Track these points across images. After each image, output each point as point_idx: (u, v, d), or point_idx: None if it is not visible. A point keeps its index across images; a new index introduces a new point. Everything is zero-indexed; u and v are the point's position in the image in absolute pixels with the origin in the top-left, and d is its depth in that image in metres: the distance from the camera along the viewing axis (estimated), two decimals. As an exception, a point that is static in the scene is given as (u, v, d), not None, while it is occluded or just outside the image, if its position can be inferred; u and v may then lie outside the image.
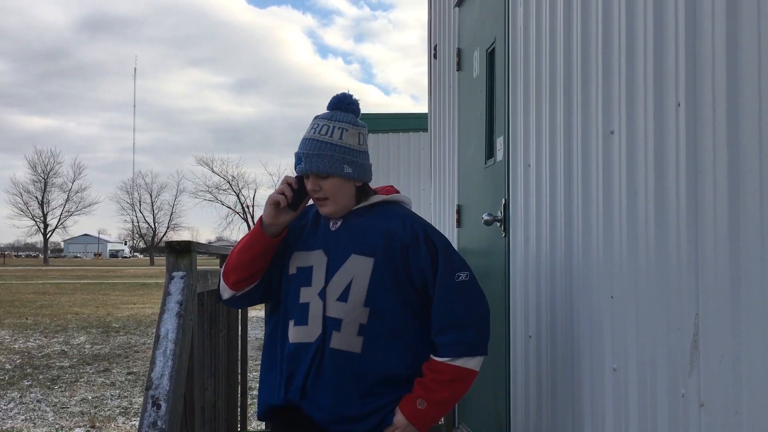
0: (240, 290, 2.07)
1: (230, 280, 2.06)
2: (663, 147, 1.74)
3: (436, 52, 4.78)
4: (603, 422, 2.08)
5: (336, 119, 2.02)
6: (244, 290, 2.07)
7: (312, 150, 1.98)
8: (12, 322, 13.09)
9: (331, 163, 1.97)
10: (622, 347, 1.95)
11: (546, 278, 2.58)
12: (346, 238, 2.01)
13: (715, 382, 1.51)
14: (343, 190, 2.01)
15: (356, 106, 2.07)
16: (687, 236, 1.62)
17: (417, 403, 1.95)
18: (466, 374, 1.99)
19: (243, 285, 2.06)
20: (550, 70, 2.54)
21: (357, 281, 1.95)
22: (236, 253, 2.05)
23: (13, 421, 5.76)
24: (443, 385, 1.97)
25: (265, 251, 2.02)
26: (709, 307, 1.53)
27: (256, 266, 2.03)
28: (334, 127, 2.00)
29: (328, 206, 2.01)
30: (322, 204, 2.02)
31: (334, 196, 2.00)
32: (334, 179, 1.98)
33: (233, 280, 2.05)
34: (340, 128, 2.00)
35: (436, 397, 1.96)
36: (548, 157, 2.56)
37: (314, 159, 1.97)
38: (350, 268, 1.96)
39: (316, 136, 1.99)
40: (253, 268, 2.02)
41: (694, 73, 1.61)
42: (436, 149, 4.77)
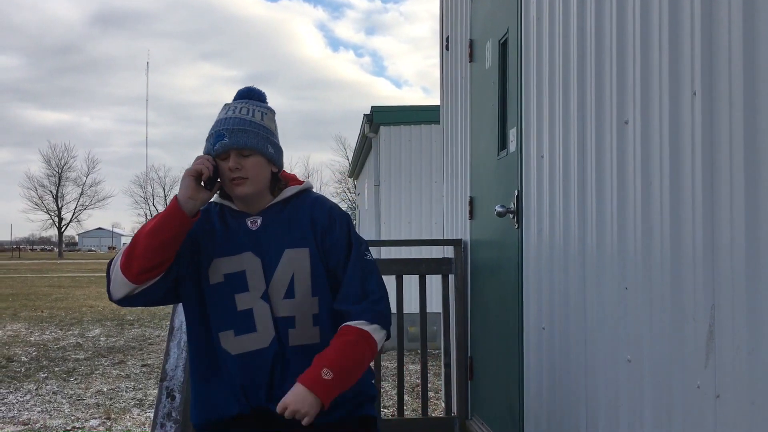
0: (142, 283, 1.85)
1: (133, 269, 1.82)
2: (678, 137, 1.72)
3: (448, 44, 4.76)
4: (617, 413, 2.07)
5: (253, 103, 1.98)
6: (147, 284, 1.86)
7: (236, 126, 1.90)
8: (28, 315, 13.21)
9: (256, 139, 1.91)
10: (637, 338, 1.95)
11: (559, 270, 2.57)
12: (274, 235, 1.94)
13: (731, 373, 1.50)
14: (263, 172, 1.93)
15: (265, 97, 2.05)
16: (703, 226, 1.61)
17: (322, 373, 1.79)
18: (373, 344, 1.89)
19: (147, 276, 1.84)
20: (564, 60, 2.52)
21: (299, 274, 1.91)
22: (144, 235, 1.84)
23: (29, 412, 5.82)
24: (353, 349, 1.85)
25: (181, 233, 1.85)
26: (726, 298, 1.52)
27: (166, 252, 1.84)
28: (255, 109, 1.96)
29: (247, 186, 1.90)
30: (240, 183, 1.89)
31: (254, 176, 1.90)
32: (256, 158, 1.91)
33: (138, 269, 1.82)
34: (260, 111, 1.96)
35: (342, 364, 1.82)
36: (562, 148, 2.54)
37: (239, 134, 1.89)
38: (288, 264, 1.91)
39: (239, 115, 1.92)
40: (163, 254, 1.84)
41: (710, 62, 1.59)
42: (448, 141, 4.76)
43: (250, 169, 1.90)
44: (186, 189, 1.86)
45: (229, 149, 1.89)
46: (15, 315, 13.15)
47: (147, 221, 1.90)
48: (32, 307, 14.81)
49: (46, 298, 17.16)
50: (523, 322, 3.01)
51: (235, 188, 1.91)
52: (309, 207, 1.99)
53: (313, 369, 1.80)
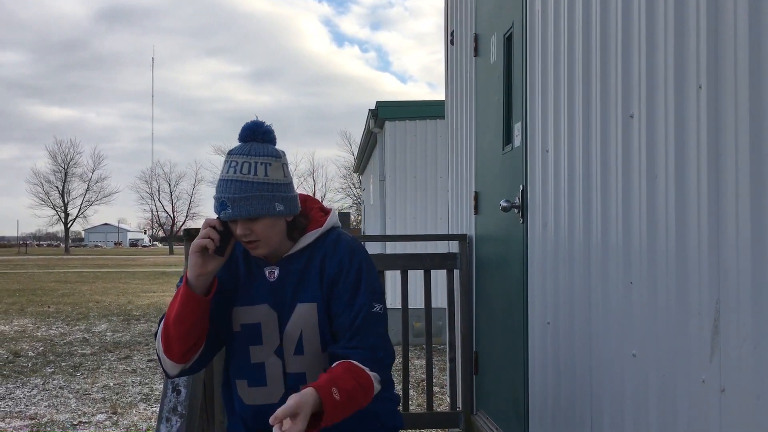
0: (189, 361, 1.86)
1: (175, 354, 1.83)
2: (684, 130, 1.72)
3: (453, 38, 4.75)
4: (622, 408, 2.07)
5: (255, 154, 1.83)
6: (193, 359, 1.87)
7: (237, 193, 1.79)
8: (34, 310, 13.27)
9: (261, 204, 1.80)
10: (642, 333, 1.94)
11: (564, 264, 2.57)
12: (288, 288, 1.90)
13: (737, 368, 1.50)
14: (275, 229, 1.85)
15: (272, 135, 1.90)
16: (708, 221, 1.60)
17: (332, 391, 1.68)
18: (371, 391, 1.80)
19: (191, 355, 1.85)
20: (569, 53, 2.52)
21: (307, 330, 1.87)
22: (171, 325, 1.82)
23: (36, 407, 5.85)
24: (356, 383, 1.75)
25: (202, 314, 1.82)
26: (731, 292, 1.51)
27: (197, 333, 1.83)
28: (257, 164, 1.82)
29: (261, 248, 1.85)
30: (254, 247, 1.85)
31: (266, 238, 1.83)
32: (264, 221, 1.82)
33: (179, 353, 1.82)
34: (263, 164, 1.83)
35: (348, 390, 1.71)
36: (566, 142, 2.54)
37: (242, 203, 1.79)
38: (298, 319, 1.87)
39: (239, 177, 1.80)
40: (194, 335, 1.83)
41: (716, 55, 1.58)
42: (454, 136, 4.75)
43: (260, 233, 1.83)
44: (193, 267, 1.79)
45: (232, 219, 1.82)
46: (22, 310, 13.21)
47: (171, 301, 1.85)
48: (39, 302, 14.87)
49: (52, 293, 17.23)
50: (528, 317, 3.01)
51: (251, 251, 1.88)
52: (321, 257, 1.91)
53: (325, 383, 1.70)
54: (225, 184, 1.81)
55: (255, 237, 1.82)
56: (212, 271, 1.81)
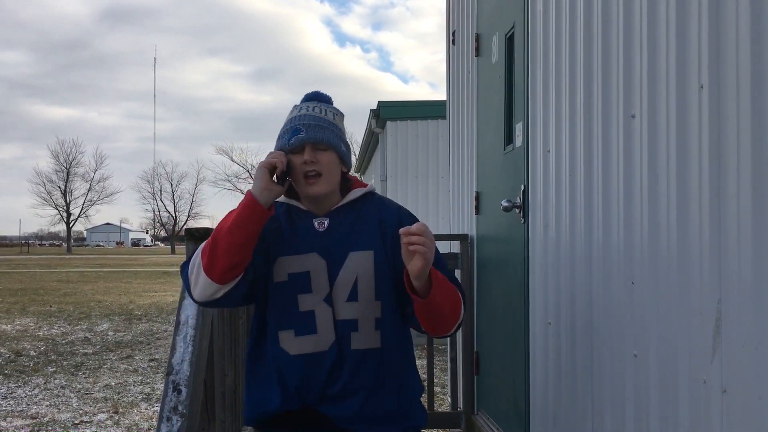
0: (226, 283, 1.82)
1: (217, 268, 1.80)
2: (685, 130, 1.71)
3: (455, 38, 4.75)
4: (623, 408, 2.06)
5: (324, 102, 2.01)
6: (230, 284, 1.83)
7: (312, 122, 1.91)
8: (36, 309, 13.28)
9: (331, 135, 1.92)
10: (643, 333, 1.94)
11: (565, 264, 2.56)
12: (339, 237, 1.93)
13: (738, 368, 1.49)
14: (336, 170, 1.94)
15: (332, 101, 2.07)
16: (710, 221, 1.60)
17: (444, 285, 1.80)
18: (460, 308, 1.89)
19: (231, 275, 1.82)
20: (570, 53, 2.51)
21: (362, 278, 1.89)
22: (225, 233, 1.81)
23: (38, 406, 5.86)
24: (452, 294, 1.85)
25: (258, 227, 1.83)
26: (732, 292, 1.51)
27: (248, 248, 1.82)
28: (327, 109, 1.97)
29: (321, 184, 1.90)
30: (314, 182, 1.89)
31: (328, 173, 1.90)
32: (331, 154, 1.91)
33: (221, 269, 1.80)
34: (332, 111, 1.98)
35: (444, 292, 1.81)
36: (568, 142, 2.53)
37: (316, 129, 1.90)
38: (352, 266, 1.89)
39: (312, 113, 1.94)
40: (245, 250, 1.82)
41: (718, 54, 1.58)
42: (455, 136, 4.75)
43: (324, 165, 1.90)
44: (260, 180, 1.85)
45: (305, 143, 1.89)
46: (24, 309, 13.22)
47: (222, 220, 1.87)
48: (41, 301, 14.89)
49: (54, 293, 17.24)
50: (529, 317, 3.00)
51: (309, 187, 1.91)
52: (376, 209, 1.98)
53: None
54: (298, 118, 1.93)
55: (319, 168, 1.89)
56: (275, 192, 1.86)
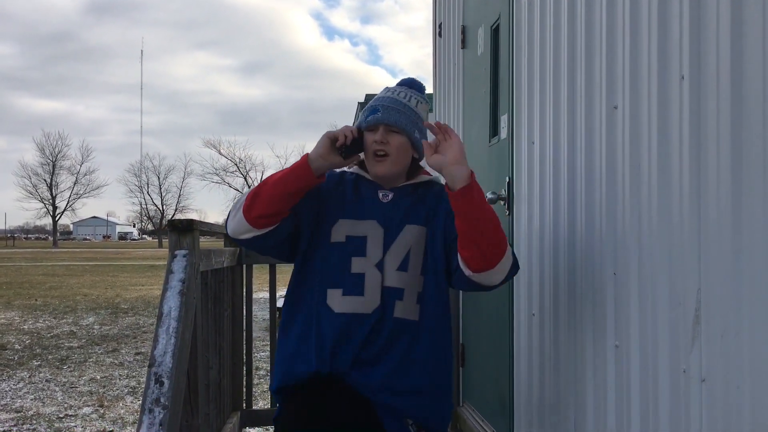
0: (260, 228, 1.93)
1: (253, 213, 1.91)
2: (667, 121, 1.72)
3: (441, 30, 4.74)
4: (605, 398, 2.07)
5: (413, 88, 2.11)
6: (263, 230, 1.94)
7: (391, 104, 2.02)
8: (22, 303, 13.19)
9: (406, 120, 2.01)
10: (625, 324, 1.95)
11: (549, 256, 2.57)
12: (400, 211, 2.01)
13: (717, 357, 1.50)
14: (405, 154, 2.03)
15: (424, 89, 2.18)
16: (690, 210, 1.60)
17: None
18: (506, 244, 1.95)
19: (266, 222, 1.93)
20: (555, 45, 2.51)
21: (414, 251, 1.97)
22: (271, 183, 1.93)
23: (22, 400, 5.82)
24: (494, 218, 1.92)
25: (303, 188, 1.93)
26: (711, 282, 1.52)
27: (288, 203, 1.92)
28: (412, 96, 2.07)
29: (386, 165, 2.00)
30: (381, 161, 1.99)
31: (396, 156, 2.00)
32: (402, 138, 2.00)
33: (258, 213, 1.91)
34: (416, 98, 2.08)
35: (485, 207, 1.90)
36: (552, 134, 2.54)
37: (393, 112, 2.00)
38: (406, 238, 1.98)
39: (396, 97, 2.04)
40: (285, 204, 1.92)
41: (698, 45, 1.58)
42: (441, 128, 4.74)
43: (393, 147, 1.99)
44: (319, 147, 1.94)
45: (379, 123, 1.99)
46: (9, 303, 13.13)
47: (277, 171, 1.99)
48: (26, 295, 14.79)
49: (40, 286, 17.13)
50: (513, 309, 3.01)
51: (375, 165, 2.01)
52: (437, 192, 2.07)
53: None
54: (380, 99, 2.04)
55: (388, 149, 1.98)
56: (331, 163, 1.94)
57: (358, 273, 1.95)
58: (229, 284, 3.54)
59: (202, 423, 2.64)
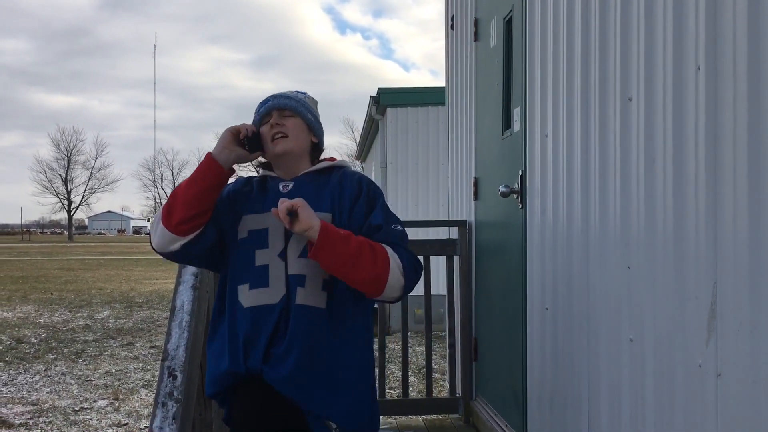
0: (183, 235, 1.93)
1: (173, 219, 1.92)
2: (682, 112, 1.70)
3: (453, 23, 4.72)
4: (619, 393, 2.06)
5: (296, 91, 2.20)
6: (188, 237, 1.94)
7: (280, 94, 2.13)
8: (37, 297, 13.31)
9: (296, 105, 2.09)
10: (639, 318, 1.93)
11: (563, 249, 2.55)
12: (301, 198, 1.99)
13: (733, 352, 1.48)
14: (302, 135, 2.08)
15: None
16: (706, 203, 1.58)
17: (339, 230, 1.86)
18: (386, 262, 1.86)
19: (187, 228, 1.92)
20: (568, 36, 2.49)
21: None
22: (183, 187, 1.95)
23: (38, 393, 5.87)
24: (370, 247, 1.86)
25: (215, 184, 1.95)
26: (728, 276, 1.50)
27: (202, 204, 1.93)
28: (297, 92, 2.17)
29: (286, 143, 2.04)
30: (280, 141, 2.04)
31: (294, 135, 2.06)
32: (297, 120, 2.08)
33: (176, 220, 1.91)
34: (302, 93, 2.17)
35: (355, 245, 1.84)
36: (565, 127, 2.52)
37: (282, 98, 2.09)
38: None
39: (283, 92, 2.15)
40: (199, 205, 1.92)
41: (714, 35, 1.56)
42: (454, 122, 4.73)
43: (290, 129, 2.05)
44: (221, 141, 2.00)
45: (271, 109, 2.07)
46: (25, 297, 13.25)
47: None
48: (42, 289, 14.91)
49: (55, 280, 17.27)
50: (526, 303, 3.00)
51: (275, 146, 2.04)
52: (340, 177, 2.08)
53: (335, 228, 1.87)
54: (268, 96, 2.13)
55: (285, 130, 2.05)
56: (236, 154, 1.99)
57: (262, 265, 1.95)
58: (242, 278, 3.54)
59: (215, 416, 2.65)
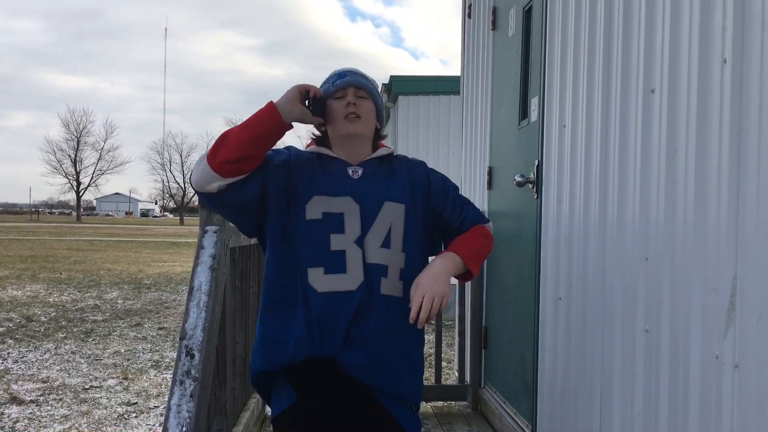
0: (225, 176, 1.86)
1: (219, 157, 1.85)
2: (706, 105, 1.70)
3: (471, 11, 4.70)
4: (633, 384, 2.07)
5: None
6: (230, 179, 1.87)
7: (357, 71, 2.06)
8: (47, 276, 13.40)
9: (373, 89, 2.05)
10: (656, 308, 1.94)
11: (578, 240, 2.56)
12: (373, 186, 2.01)
13: (752, 343, 1.49)
14: (372, 119, 2.04)
15: None
16: (728, 196, 1.59)
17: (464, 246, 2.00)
18: (491, 235, 2.09)
19: (231, 169, 1.85)
20: (590, 26, 2.48)
21: (395, 227, 1.98)
22: (238, 129, 1.88)
23: (48, 371, 5.93)
24: (485, 239, 2.05)
25: (272, 132, 1.88)
26: (749, 268, 1.51)
27: (254, 149, 1.86)
28: (366, 74, 2.11)
29: (359, 124, 2.00)
30: (355, 122, 1.99)
31: (366, 117, 2.02)
32: (370, 104, 2.03)
33: (222, 158, 1.84)
34: (370, 77, 2.11)
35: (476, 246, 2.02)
36: (585, 117, 2.52)
37: (361, 78, 2.04)
38: (387, 215, 1.98)
39: (356, 70, 2.08)
40: (252, 148, 1.86)
41: (742, 28, 1.56)
42: (469, 110, 4.72)
43: (364, 111, 2.00)
44: (287, 94, 1.93)
45: (349, 86, 2.00)
46: (34, 276, 13.34)
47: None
48: (51, 269, 15.00)
49: (64, 260, 17.37)
50: (539, 292, 3.01)
51: (349, 125, 1.99)
52: (407, 167, 2.09)
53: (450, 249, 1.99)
54: (343, 69, 2.07)
55: (360, 111, 1.99)
56: (298, 111, 1.92)
57: (339, 250, 1.93)
58: (255, 261, 3.56)
59: (229, 396, 2.68)
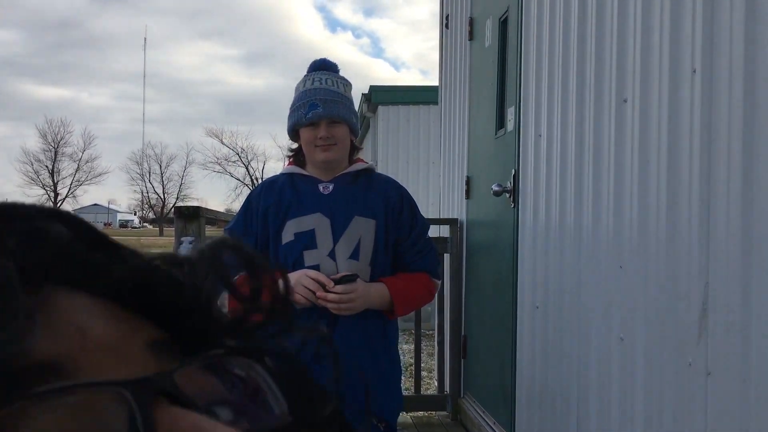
0: None
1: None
2: (677, 115, 1.72)
3: (448, 22, 4.73)
4: (609, 391, 2.08)
5: (334, 75, 2.08)
6: None
7: (328, 96, 2.01)
8: (23, 289, 13.22)
9: (345, 111, 2.03)
10: (630, 317, 1.95)
11: (555, 249, 2.57)
12: (344, 201, 2.03)
13: (723, 351, 1.51)
14: (347, 140, 2.05)
15: (338, 69, 2.15)
16: (699, 205, 1.60)
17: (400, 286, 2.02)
18: (433, 291, 2.15)
19: None
20: (564, 37, 2.51)
21: (364, 241, 2.01)
22: None
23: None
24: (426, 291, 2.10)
25: None
26: (720, 276, 1.52)
27: None
28: (337, 81, 2.06)
29: (334, 151, 2.01)
30: (328, 149, 2.01)
31: (341, 143, 2.03)
32: (344, 127, 2.03)
33: None
34: (342, 83, 2.08)
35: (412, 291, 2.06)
36: (560, 127, 2.53)
37: (332, 105, 2.00)
38: (357, 229, 2.00)
39: (326, 86, 2.03)
40: None
41: (711, 38, 1.58)
42: (447, 120, 4.74)
43: (338, 137, 2.01)
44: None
45: (322, 119, 1.99)
46: (10, 289, 13.15)
47: None
48: (27, 281, 14.79)
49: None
50: (517, 301, 3.01)
51: (323, 153, 2.01)
52: (382, 185, 2.11)
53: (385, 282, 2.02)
54: (313, 92, 2.01)
55: (334, 140, 2.00)
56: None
57: (313, 265, 1.99)
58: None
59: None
